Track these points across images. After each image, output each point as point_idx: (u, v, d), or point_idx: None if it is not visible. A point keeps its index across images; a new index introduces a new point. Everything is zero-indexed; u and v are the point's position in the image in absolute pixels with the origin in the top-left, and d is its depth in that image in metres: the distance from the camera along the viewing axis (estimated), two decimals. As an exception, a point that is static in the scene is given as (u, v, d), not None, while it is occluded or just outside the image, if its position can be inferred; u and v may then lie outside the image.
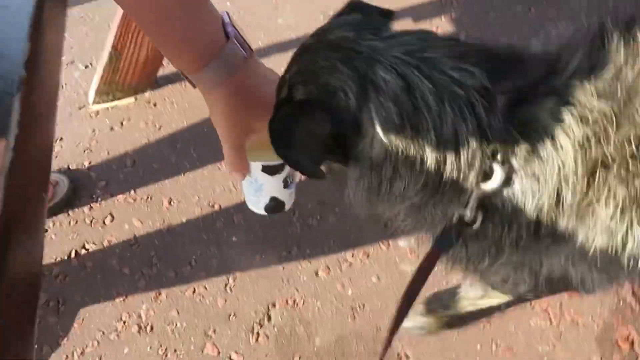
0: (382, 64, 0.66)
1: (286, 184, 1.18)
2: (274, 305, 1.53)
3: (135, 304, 1.58)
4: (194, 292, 1.59)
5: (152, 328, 1.52)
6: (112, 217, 1.81)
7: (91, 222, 1.80)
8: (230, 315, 1.52)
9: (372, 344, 1.43)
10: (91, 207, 1.85)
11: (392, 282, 1.55)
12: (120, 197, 1.87)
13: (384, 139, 0.67)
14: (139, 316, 1.55)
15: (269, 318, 1.51)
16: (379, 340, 1.43)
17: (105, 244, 1.74)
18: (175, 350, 1.47)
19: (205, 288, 1.59)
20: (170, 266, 1.66)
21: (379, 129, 0.67)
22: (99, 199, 1.87)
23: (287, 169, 1.07)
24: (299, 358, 1.42)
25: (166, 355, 1.46)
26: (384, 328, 1.45)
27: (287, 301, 1.54)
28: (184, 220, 1.77)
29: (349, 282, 1.56)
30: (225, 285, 1.59)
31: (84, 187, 1.91)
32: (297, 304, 1.53)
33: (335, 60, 0.68)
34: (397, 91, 0.65)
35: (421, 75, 0.64)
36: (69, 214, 1.83)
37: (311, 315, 1.50)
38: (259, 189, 1.11)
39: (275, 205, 1.16)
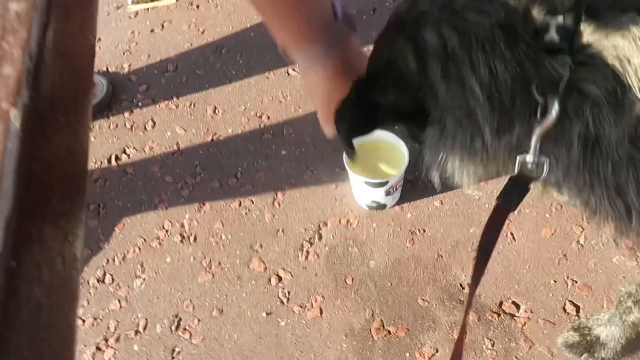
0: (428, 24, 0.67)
1: (389, 193, 1.32)
2: (325, 223, 1.42)
3: (178, 213, 1.49)
4: (239, 204, 1.48)
5: (195, 238, 1.43)
6: (154, 123, 1.70)
7: (132, 126, 1.69)
8: (278, 231, 1.42)
9: (432, 270, 1.31)
10: (132, 111, 1.74)
11: (455, 207, 1.41)
12: (162, 103, 1.75)
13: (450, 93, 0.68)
14: (182, 226, 1.46)
15: (320, 236, 1.40)
16: (440, 267, 1.31)
17: (147, 150, 1.64)
18: (219, 263, 1.38)
19: (252, 202, 1.48)
20: (215, 177, 1.55)
21: (442, 85, 0.68)
22: (140, 104, 1.75)
23: (390, 183, 1.25)
24: (352, 280, 1.32)
25: (210, 267, 1.38)
26: (445, 255, 1.33)
27: (339, 220, 1.42)
28: (229, 131, 1.65)
29: (409, 205, 1.43)
30: (273, 200, 1.48)
31: (124, 91, 1.79)
32: (350, 224, 1.41)
33: (393, 32, 0.72)
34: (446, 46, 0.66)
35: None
36: (108, 118, 1.73)
37: (366, 237, 1.38)
38: (362, 191, 1.33)
39: (376, 206, 1.38)
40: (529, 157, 0.67)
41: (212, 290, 1.34)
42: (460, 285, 1.28)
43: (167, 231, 1.46)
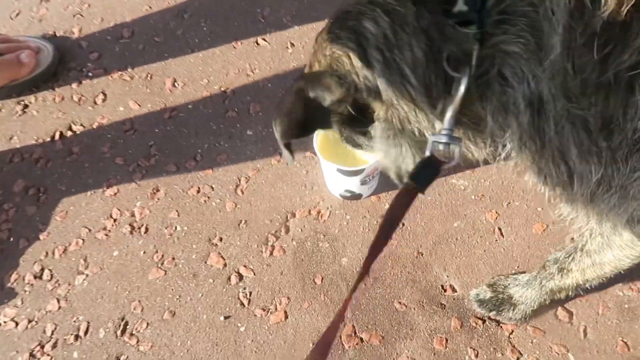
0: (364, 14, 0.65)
1: (364, 182, 1.17)
2: (293, 215, 1.27)
3: (128, 200, 1.32)
4: (198, 191, 1.32)
5: (146, 230, 1.27)
6: (105, 96, 1.51)
7: (80, 100, 1.50)
8: (240, 222, 1.27)
9: (411, 269, 1.17)
10: (80, 82, 1.54)
11: (438, 199, 1.26)
12: (115, 73, 1.55)
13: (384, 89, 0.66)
14: (132, 214, 1.30)
15: (287, 229, 1.25)
16: (419, 266, 1.18)
17: (96, 126, 1.45)
18: (173, 258, 1.22)
19: (212, 188, 1.32)
20: (172, 159, 1.38)
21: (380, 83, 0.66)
22: (90, 74, 1.56)
23: (365, 172, 1.12)
24: (322, 279, 1.17)
25: (162, 263, 1.22)
26: (426, 252, 1.19)
27: (309, 211, 1.27)
28: (189, 107, 1.47)
29: (387, 196, 1.28)
30: (236, 187, 1.32)
31: (73, 59, 1.59)
32: (321, 216, 1.26)
33: (335, 26, 0.68)
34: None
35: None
36: (54, 89, 1.53)
37: (338, 231, 1.24)
38: (335, 179, 1.18)
39: (350, 195, 1.24)
40: (441, 138, 0.65)
41: (163, 289, 1.19)
42: (442, 287, 1.15)
43: (115, 220, 1.29)
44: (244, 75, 1.52)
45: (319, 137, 1.16)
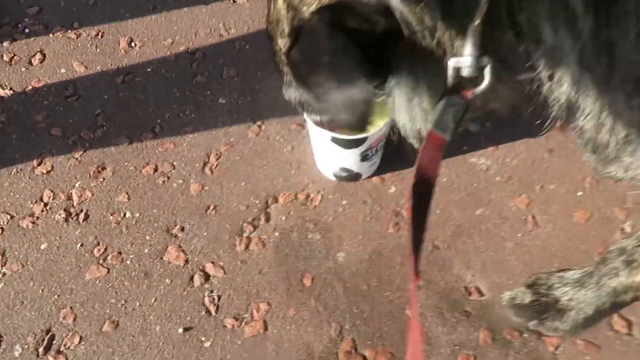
0: None
1: (365, 157, 0.94)
2: (275, 199, 1.01)
3: (64, 179, 1.04)
4: (155, 170, 1.05)
5: (86, 216, 0.99)
6: (43, 56, 1.23)
7: (11, 60, 1.22)
8: (208, 208, 1.00)
9: (425, 266, 0.93)
10: (13, 39, 1.26)
11: (456, 180, 1.02)
12: (58, 31, 1.27)
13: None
14: (69, 197, 1.01)
15: (268, 217, 0.98)
16: (436, 263, 0.93)
17: (29, 91, 1.17)
18: (119, 252, 0.95)
19: (173, 166, 1.05)
20: (123, 131, 1.10)
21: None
22: (26, 30, 1.27)
23: (368, 142, 0.89)
24: (312, 280, 0.91)
25: (105, 259, 0.94)
26: (443, 245, 0.95)
27: (295, 195, 1.01)
28: (148, 70, 1.20)
29: (392, 176, 1.03)
30: (204, 164, 1.05)
31: (6, 13, 1.31)
32: (311, 201, 1.00)
33: None
34: None
35: None
36: (-21, 46, 1.24)
37: (332, 219, 0.98)
38: (328, 154, 0.94)
39: (346, 175, 1.00)
40: (464, 60, 0.52)
41: (104, 292, 0.91)
42: (466, 289, 0.90)
43: (46, 205, 1.01)
44: (217, 36, 1.26)
45: (309, 98, 0.91)
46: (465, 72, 0.53)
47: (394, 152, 1.04)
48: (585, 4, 0.45)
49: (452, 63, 0.53)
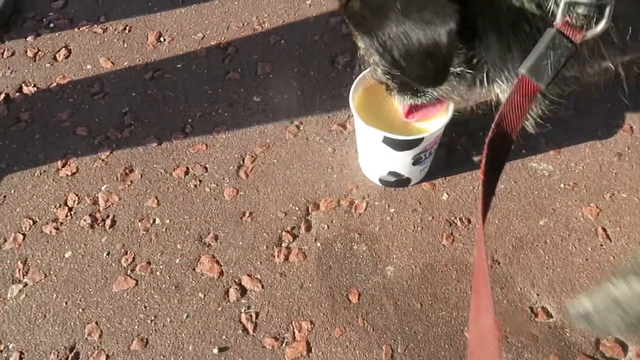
0: None
1: (418, 161, 0.86)
2: (316, 206, 0.92)
3: (90, 182, 0.97)
4: (186, 172, 0.97)
5: (113, 222, 0.92)
6: (69, 51, 1.16)
7: (35, 55, 1.16)
8: (243, 215, 0.92)
9: (484, 284, 0.83)
10: (38, 34, 1.20)
11: (516, 187, 0.93)
12: (84, 25, 1.21)
13: None
14: (95, 202, 0.95)
15: (308, 226, 0.90)
16: (496, 280, 0.83)
17: (54, 88, 1.10)
18: (148, 263, 0.87)
19: (206, 169, 0.98)
20: (152, 131, 1.03)
21: None
22: (51, 25, 1.21)
23: (424, 144, 0.80)
24: (358, 296, 0.83)
25: (133, 269, 0.87)
26: (504, 260, 0.85)
27: (338, 202, 0.93)
28: (178, 66, 1.13)
29: (444, 182, 0.94)
30: (239, 167, 0.98)
31: (32, 6, 1.25)
32: (356, 207, 0.92)
33: None
34: None
35: None
36: (2, 41, 1.19)
37: (379, 229, 0.89)
38: (376, 156, 0.86)
39: (395, 181, 0.91)
40: None
41: (133, 306, 0.83)
42: (531, 309, 0.80)
43: (70, 209, 0.94)
44: (250, 29, 1.18)
45: (356, 94, 0.83)
46: (582, 10, 0.46)
47: (446, 156, 0.95)
48: None
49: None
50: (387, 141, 0.80)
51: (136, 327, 0.81)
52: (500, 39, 0.53)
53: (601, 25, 0.47)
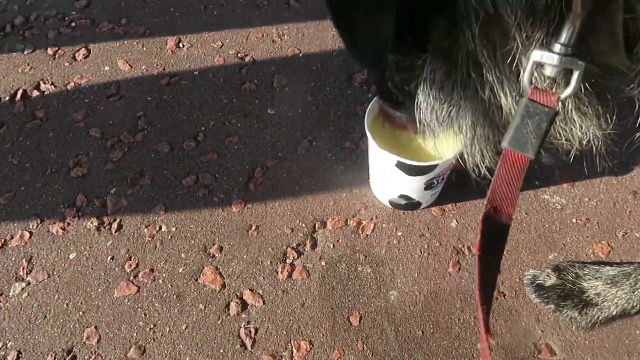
0: None
1: (430, 186, 0.85)
2: (323, 224, 0.92)
3: (100, 184, 0.97)
4: (195, 181, 0.97)
5: (120, 227, 0.92)
6: (88, 51, 1.17)
7: (55, 54, 1.17)
8: (250, 228, 0.91)
9: (488, 316, 0.82)
10: (59, 33, 1.21)
11: (526, 219, 0.91)
12: (105, 25, 1.22)
13: None
14: (103, 204, 0.95)
15: (314, 243, 0.89)
16: (502, 312, 0.82)
17: (71, 87, 1.11)
18: (152, 270, 0.87)
19: (215, 178, 0.97)
20: (165, 137, 1.03)
21: None
22: (73, 24, 1.22)
23: (437, 170, 0.79)
24: (359, 319, 0.82)
25: (136, 275, 0.87)
26: (510, 293, 0.84)
27: (345, 221, 0.92)
28: (195, 73, 1.13)
29: (454, 208, 0.93)
30: (249, 179, 0.97)
31: (54, 4, 1.26)
32: (363, 229, 0.91)
33: None
34: None
35: None
36: (24, 36, 1.20)
37: (385, 251, 0.88)
38: (388, 179, 0.85)
39: (404, 204, 0.91)
40: (550, 56, 0.42)
41: (133, 313, 0.83)
42: (535, 346, 0.79)
43: (78, 210, 0.94)
44: (269, 41, 1.18)
45: (371, 115, 0.82)
46: (548, 72, 0.43)
47: (458, 181, 0.94)
48: None
49: (535, 56, 0.43)
50: (401, 166, 0.79)
51: (135, 334, 0.81)
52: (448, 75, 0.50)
53: (570, 90, 0.44)
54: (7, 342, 0.80)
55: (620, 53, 0.43)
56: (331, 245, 0.89)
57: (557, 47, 0.42)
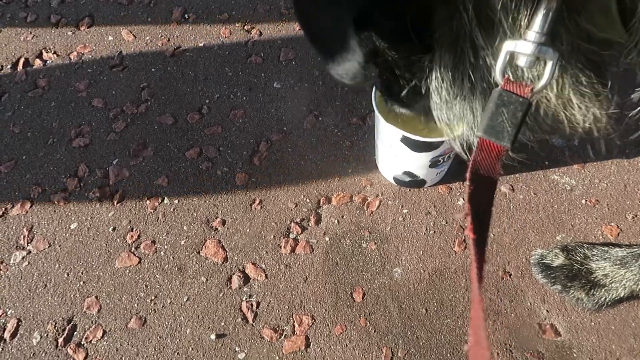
0: None
1: (435, 164, 0.84)
2: (328, 199, 0.90)
3: (102, 155, 0.96)
4: (199, 154, 0.96)
5: (122, 198, 0.91)
6: (92, 20, 1.15)
7: (58, 22, 1.15)
8: (253, 202, 0.90)
9: (494, 293, 0.81)
10: (62, 1, 1.18)
11: (534, 199, 0.90)
12: (110, -5, 1.19)
13: None
14: (105, 175, 0.93)
15: (318, 219, 0.88)
16: (506, 292, 0.81)
17: (74, 57, 1.09)
18: (153, 242, 0.86)
19: (219, 151, 0.96)
20: (168, 108, 1.02)
21: None
22: (77, -8, 1.20)
23: (442, 147, 0.78)
24: (362, 295, 0.81)
25: (137, 246, 0.86)
26: (516, 273, 0.83)
27: (351, 197, 0.90)
28: (200, 44, 1.11)
29: (460, 187, 0.91)
30: (253, 152, 0.96)
31: (58, -27, 1.23)
32: (368, 205, 0.90)
33: None
34: None
35: None
36: (26, 4, 1.17)
37: (390, 228, 0.87)
38: (394, 155, 0.83)
39: (409, 181, 0.90)
40: (525, 45, 0.40)
41: (134, 284, 0.82)
42: (540, 326, 0.78)
43: (80, 181, 0.93)
44: (277, 14, 1.15)
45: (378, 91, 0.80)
46: (522, 62, 0.42)
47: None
48: None
49: (508, 46, 0.41)
50: (406, 141, 0.77)
51: (135, 305, 0.80)
52: (452, 58, 0.48)
53: (543, 82, 0.42)
54: (7, 310, 0.80)
55: (616, 26, 0.41)
56: (335, 221, 0.88)
57: (531, 35, 0.40)
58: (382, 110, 0.77)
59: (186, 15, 1.16)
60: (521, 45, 0.40)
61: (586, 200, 0.89)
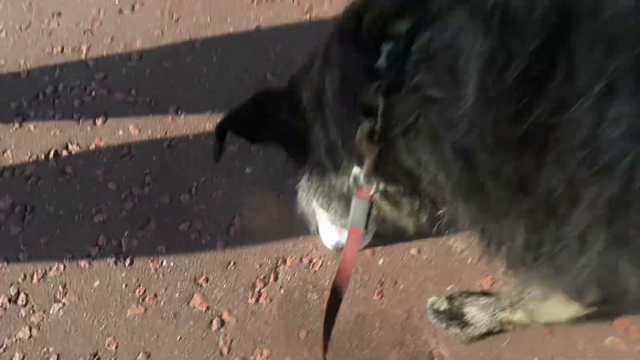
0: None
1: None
2: (284, 261, 1.23)
3: (116, 228, 1.28)
4: (189, 226, 1.28)
5: (132, 262, 1.23)
6: (105, 117, 1.49)
7: (79, 119, 1.48)
8: (229, 264, 1.22)
9: (399, 331, 1.13)
10: (82, 101, 1.52)
11: (434, 259, 1.23)
12: (119, 94, 1.53)
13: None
14: (119, 244, 1.26)
15: (276, 276, 1.21)
16: (409, 329, 1.13)
17: (93, 148, 1.42)
18: (155, 295, 1.18)
19: (204, 224, 1.29)
20: (166, 190, 1.34)
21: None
22: (93, 93, 1.54)
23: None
24: (306, 334, 1.13)
25: (143, 299, 1.17)
26: (417, 314, 1.15)
27: (300, 259, 1.23)
28: (190, 137, 1.44)
29: (382, 250, 1.24)
30: (229, 225, 1.28)
31: (77, 77, 1.57)
32: (313, 266, 1.22)
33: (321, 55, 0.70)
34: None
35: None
36: (54, 103, 1.51)
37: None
38: (327, 231, 1.14)
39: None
40: (361, 170, 0.69)
41: (141, 327, 1.14)
42: (430, 353, 1.10)
43: (100, 248, 1.25)
44: (249, 111, 1.49)
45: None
46: (360, 181, 0.70)
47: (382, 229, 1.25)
48: (453, 154, 0.56)
49: (355, 171, 0.69)
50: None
51: (142, 343, 1.12)
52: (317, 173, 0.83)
53: (372, 191, 0.70)
54: (50, 347, 1.11)
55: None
56: (289, 278, 1.21)
57: (362, 170, 0.70)
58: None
59: (179, 112, 1.49)
60: (359, 171, 0.70)
61: (471, 260, 1.23)
